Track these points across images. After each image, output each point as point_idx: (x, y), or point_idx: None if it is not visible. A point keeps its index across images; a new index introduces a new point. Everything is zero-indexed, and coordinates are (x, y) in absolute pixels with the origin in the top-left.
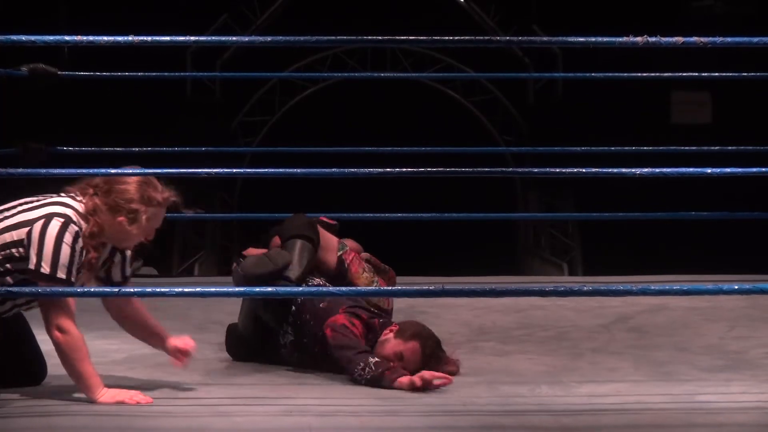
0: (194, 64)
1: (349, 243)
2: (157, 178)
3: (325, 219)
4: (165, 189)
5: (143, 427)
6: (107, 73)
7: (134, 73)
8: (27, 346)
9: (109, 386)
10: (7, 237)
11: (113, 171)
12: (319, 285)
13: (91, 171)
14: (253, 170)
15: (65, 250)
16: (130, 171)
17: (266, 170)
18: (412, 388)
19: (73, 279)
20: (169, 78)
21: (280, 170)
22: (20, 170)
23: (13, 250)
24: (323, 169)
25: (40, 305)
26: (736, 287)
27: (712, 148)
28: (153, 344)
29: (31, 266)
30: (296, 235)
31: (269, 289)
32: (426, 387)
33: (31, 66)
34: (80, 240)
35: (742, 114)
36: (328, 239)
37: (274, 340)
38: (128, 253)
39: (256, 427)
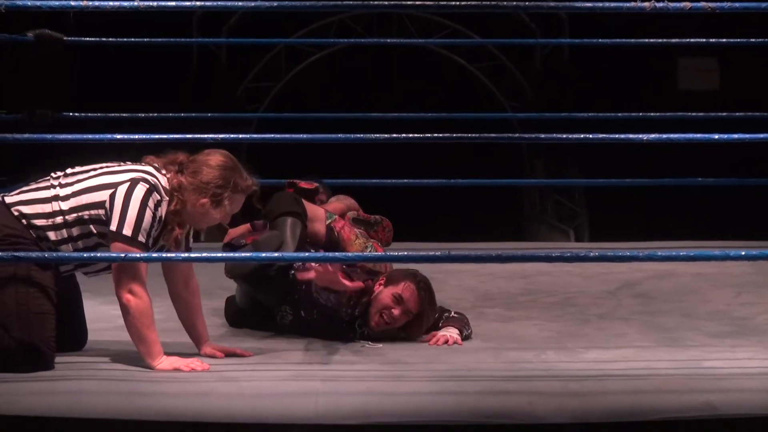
0: (200, 30)
1: (347, 200)
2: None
3: (304, 185)
4: (249, 176)
5: (150, 391)
6: (113, 39)
7: (140, 39)
8: (71, 311)
9: (120, 352)
10: (87, 198)
11: (119, 136)
12: None
13: (96, 136)
14: (259, 136)
15: (148, 215)
16: (138, 137)
17: (272, 136)
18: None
19: (150, 244)
20: (175, 44)
21: (286, 136)
22: (26, 135)
23: (92, 212)
24: (329, 135)
25: (113, 268)
26: (743, 253)
27: (720, 114)
28: (191, 337)
29: (113, 227)
30: (284, 213)
31: (275, 254)
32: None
33: (37, 32)
34: (161, 209)
35: (750, 80)
36: (315, 210)
37: (273, 320)
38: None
39: (262, 392)
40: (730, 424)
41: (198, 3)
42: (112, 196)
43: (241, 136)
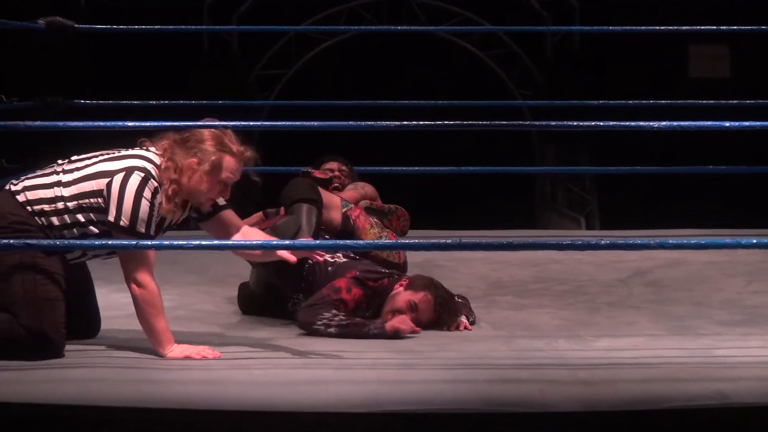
0: (211, 17)
1: (365, 189)
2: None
3: (318, 174)
4: (241, 144)
5: (160, 379)
6: (124, 26)
7: (151, 26)
8: (81, 299)
9: (131, 340)
10: (87, 186)
11: (130, 123)
12: None
13: (108, 124)
14: (271, 123)
15: (144, 204)
16: (149, 124)
17: (283, 123)
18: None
19: (151, 233)
20: (186, 31)
21: (297, 123)
22: (38, 123)
23: (92, 200)
24: (340, 122)
25: (120, 258)
26: (755, 241)
27: (731, 101)
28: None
29: (111, 218)
30: (300, 200)
31: (287, 242)
32: (397, 332)
33: (48, 19)
34: (159, 195)
35: (761, 67)
36: (330, 198)
37: (284, 307)
38: None
39: (273, 379)
40: (741, 413)
41: None
42: (109, 186)
43: (252, 123)
